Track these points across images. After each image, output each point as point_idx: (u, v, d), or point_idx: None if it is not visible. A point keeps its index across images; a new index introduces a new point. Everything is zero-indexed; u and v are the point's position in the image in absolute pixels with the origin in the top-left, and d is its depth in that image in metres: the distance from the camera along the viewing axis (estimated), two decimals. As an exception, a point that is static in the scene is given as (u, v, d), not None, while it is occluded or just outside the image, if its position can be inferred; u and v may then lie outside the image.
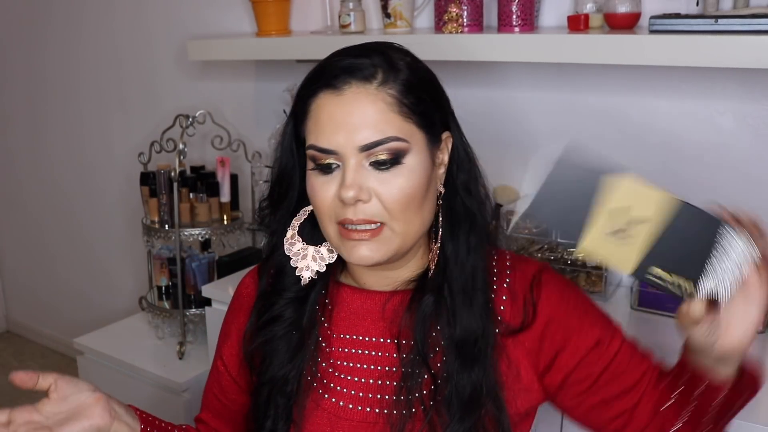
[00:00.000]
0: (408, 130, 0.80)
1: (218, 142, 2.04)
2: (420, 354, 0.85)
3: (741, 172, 1.49)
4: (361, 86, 0.79)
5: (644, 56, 1.30)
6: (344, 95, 0.79)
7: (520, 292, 0.89)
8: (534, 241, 1.64)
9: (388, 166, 0.79)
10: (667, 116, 1.54)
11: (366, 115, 0.79)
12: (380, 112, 0.79)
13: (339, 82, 0.80)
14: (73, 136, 2.80)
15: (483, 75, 1.72)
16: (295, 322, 0.90)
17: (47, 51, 2.76)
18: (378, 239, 0.81)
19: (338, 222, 0.81)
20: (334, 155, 0.80)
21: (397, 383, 0.86)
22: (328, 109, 0.80)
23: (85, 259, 2.93)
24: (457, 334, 0.84)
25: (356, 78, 0.80)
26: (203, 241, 2.09)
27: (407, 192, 0.80)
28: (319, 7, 1.94)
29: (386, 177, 0.80)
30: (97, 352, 2.04)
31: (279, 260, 0.92)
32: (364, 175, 0.79)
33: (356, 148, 0.79)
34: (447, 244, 0.87)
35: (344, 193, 0.78)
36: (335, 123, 0.79)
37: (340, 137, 0.79)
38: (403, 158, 0.80)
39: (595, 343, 0.87)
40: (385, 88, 0.80)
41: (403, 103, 0.80)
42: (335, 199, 0.81)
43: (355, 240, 0.81)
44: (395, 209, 0.80)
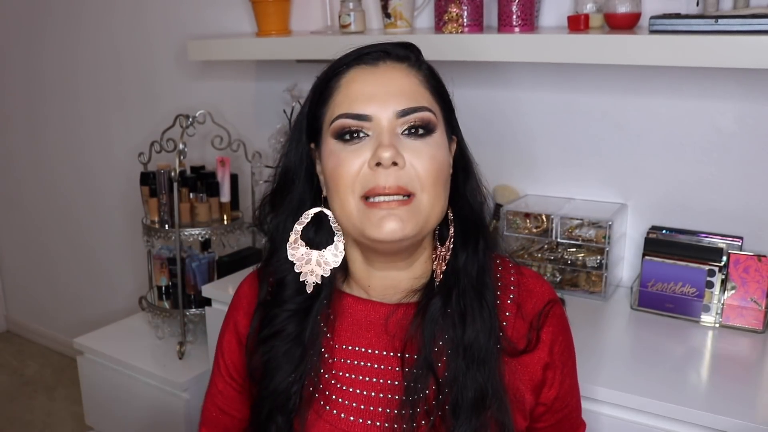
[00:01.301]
0: (435, 108, 0.84)
1: (218, 142, 2.04)
2: (426, 360, 0.84)
3: (741, 172, 1.49)
4: (395, 63, 0.84)
5: (644, 56, 1.30)
6: (379, 68, 0.83)
7: (526, 313, 0.89)
8: (534, 241, 1.64)
9: (421, 135, 0.81)
10: (667, 116, 1.54)
11: (402, 85, 0.82)
12: (413, 85, 0.83)
13: (373, 59, 0.84)
14: (72, 136, 2.80)
15: (483, 75, 1.72)
16: (297, 337, 0.88)
17: (47, 51, 2.76)
18: (407, 209, 0.79)
19: (364, 194, 0.80)
20: (368, 121, 0.80)
21: (399, 396, 0.85)
22: (362, 80, 0.82)
23: (85, 259, 2.93)
24: (467, 336, 0.84)
25: (390, 56, 0.84)
26: (203, 241, 2.09)
27: (438, 163, 0.81)
28: (319, 7, 1.94)
29: (419, 146, 0.81)
30: (97, 352, 2.04)
31: (279, 269, 0.90)
32: (398, 141, 0.80)
33: (393, 114, 0.80)
34: (457, 249, 0.87)
35: (382, 153, 0.77)
36: (370, 91, 0.81)
37: (375, 104, 0.80)
38: (433, 132, 0.82)
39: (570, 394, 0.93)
40: (416, 69, 0.85)
41: (431, 84, 0.85)
42: (363, 169, 0.80)
43: (384, 210, 0.79)
44: (427, 180, 0.80)
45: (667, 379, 1.24)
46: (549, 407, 0.91)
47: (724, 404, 1.15)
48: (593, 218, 1.58)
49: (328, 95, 0.84)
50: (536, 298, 0.90)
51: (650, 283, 1.49)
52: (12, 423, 2.62)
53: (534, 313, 0.89)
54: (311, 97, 0.87)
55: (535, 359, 0.88)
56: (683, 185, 1.56)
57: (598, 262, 1.57)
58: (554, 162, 1.70)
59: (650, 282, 1.49)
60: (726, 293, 1.43)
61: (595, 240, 1.59)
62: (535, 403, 0.90)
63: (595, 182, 1.66)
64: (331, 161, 0.82)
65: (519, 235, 1.64)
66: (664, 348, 1.36)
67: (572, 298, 1.57)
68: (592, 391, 1.19)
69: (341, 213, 0.83)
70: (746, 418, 1.10)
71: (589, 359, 1.27)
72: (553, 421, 0.93)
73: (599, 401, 1.20)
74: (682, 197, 1.56)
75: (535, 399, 0.89)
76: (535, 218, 1.63)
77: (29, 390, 2.84)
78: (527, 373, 0.88)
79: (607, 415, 1.21)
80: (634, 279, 1.60)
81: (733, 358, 1.33)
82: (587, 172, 1.66)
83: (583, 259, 1.59)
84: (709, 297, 1.44)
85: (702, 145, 1.52)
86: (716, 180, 1.52)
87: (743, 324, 1.41)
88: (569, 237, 1.61)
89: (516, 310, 0.89)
